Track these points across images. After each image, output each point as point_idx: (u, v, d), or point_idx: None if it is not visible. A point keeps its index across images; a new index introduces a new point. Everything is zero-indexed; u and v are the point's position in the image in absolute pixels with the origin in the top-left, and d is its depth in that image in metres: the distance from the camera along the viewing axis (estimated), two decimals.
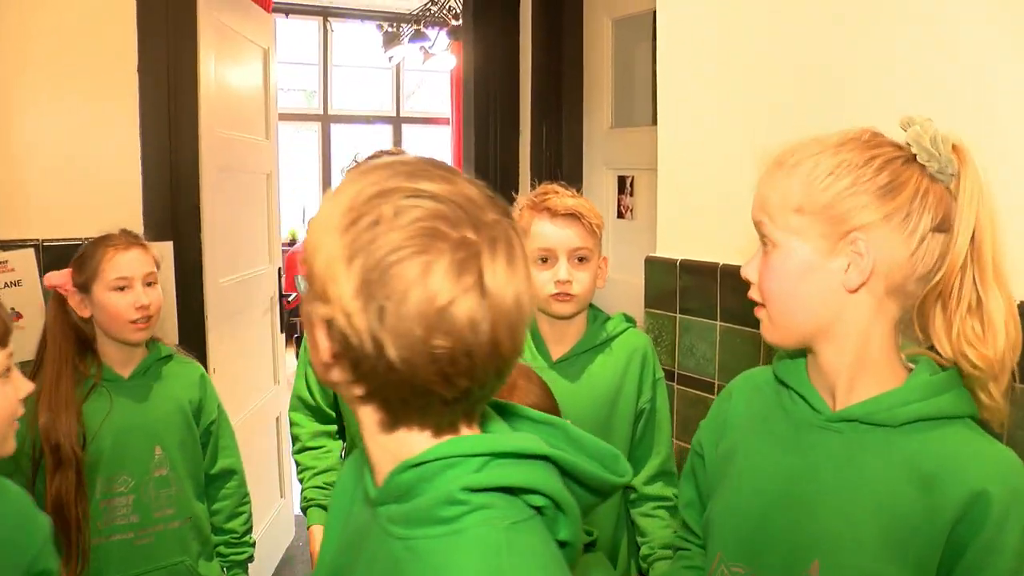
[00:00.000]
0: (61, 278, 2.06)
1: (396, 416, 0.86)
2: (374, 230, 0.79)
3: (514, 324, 0.82)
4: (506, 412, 0.98)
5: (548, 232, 1.91)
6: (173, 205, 3.01)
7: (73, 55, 2.80)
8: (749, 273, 1.25)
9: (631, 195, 3.20)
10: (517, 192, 2.05)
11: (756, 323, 1.89)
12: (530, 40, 3.48)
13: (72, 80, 2.81)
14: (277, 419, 4.04)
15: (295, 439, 2.20)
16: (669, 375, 2.12)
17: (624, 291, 2.98)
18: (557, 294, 1.91)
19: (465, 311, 0.78)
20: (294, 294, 5.05)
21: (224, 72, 3.35)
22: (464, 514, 0.83)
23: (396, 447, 0.88)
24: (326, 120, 9.42)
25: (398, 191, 0.81)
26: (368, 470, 0.93)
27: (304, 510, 2.11)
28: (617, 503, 2.03)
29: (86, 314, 2.07)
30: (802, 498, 1.17)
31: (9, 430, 1.41)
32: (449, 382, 0.81)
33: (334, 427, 2.20)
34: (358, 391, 0.85)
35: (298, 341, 7.95)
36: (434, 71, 9.04)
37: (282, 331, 4.11)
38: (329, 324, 0.82)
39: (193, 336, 3.08)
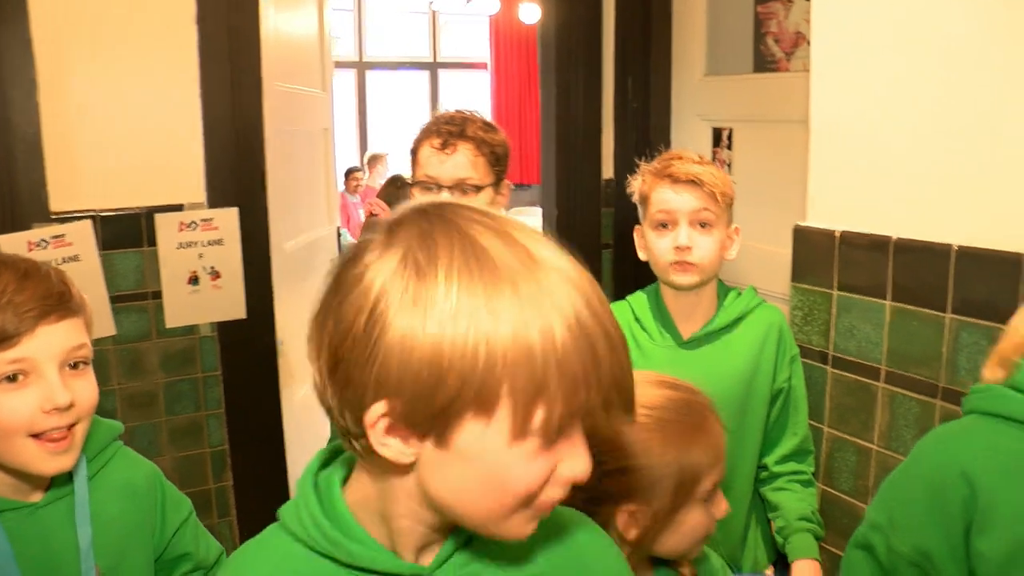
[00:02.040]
0: None
1: None
2: None
3: None
4: None
5: (668, 197, 1.82)
6: (237, 168, 2.80)
7: (126, 7, 2.57)
8: None
9: (728, 148, 2.96)
10: (600, 152, 1.86)
11: (939, 305, 1.71)
12: None
13: (125, 35, 2.57)
14: None
15: None
16: (822, 357, 1.92)
17: None
18: (676, 262, 1.81)
19: None
20: None
21: (281, 19, 3.11)
22: None
23: None
24: (361, 67, 9.16)
25: None
26: None
27: None
28: (750, 486, 1.92)
29: None
30: None
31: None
32: None
33: None
34: None
35: None
36: (471, 15, 8.74)
37: None
38: None
39: (259, 308, 2.89)
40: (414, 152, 1.96)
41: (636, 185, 1.90)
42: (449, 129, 1.90)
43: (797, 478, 1.89)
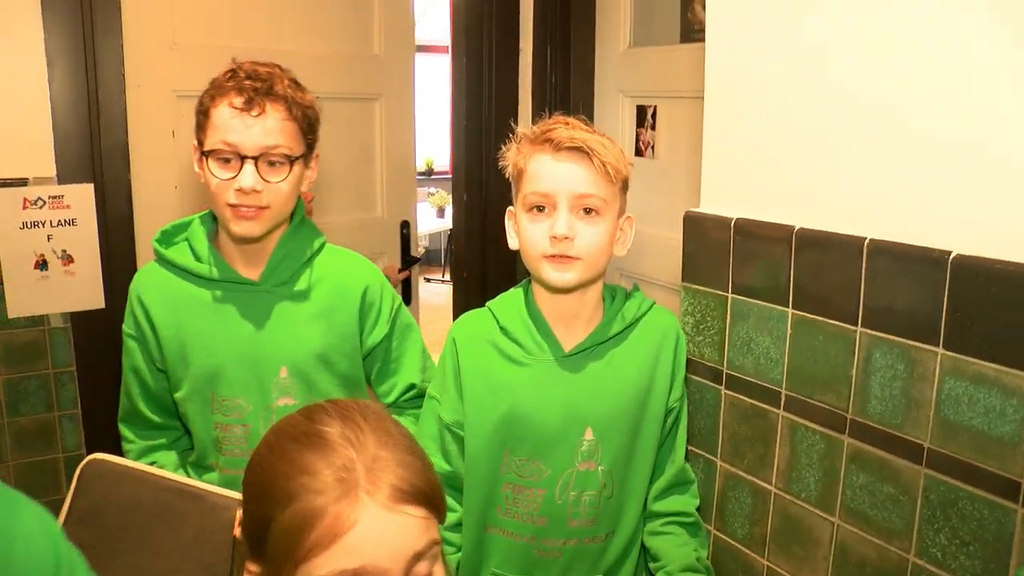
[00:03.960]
0: None
1: None
2: None
3: None
4: None
5: (547, 171, 1.45)
6: (94, 139, 2.46)
7: None
8: None
9: (652, 128, 2.64)
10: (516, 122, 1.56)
11: (848, 315, 1.30)
12: None
13: None
14: None
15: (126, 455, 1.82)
16: (715, 375, 1.58)
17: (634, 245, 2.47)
18: (552, 255, 1.45)
19: None
20: None
21: None
22: None
23: None
24: None
25: None
26: None
27: None
28: (641, 523, 1.63)
29: None
30: None
31: None
32: None
33: (162, 439, 1.85)
34: None
35: None
36: None
37: None
38: None
39: (123, 297, 2.54)
40: (204, 113, 1.59)
41: (511, 156, 1.54)
42: (254, 85, 1.55)
43: (680, 520, 1.58)
